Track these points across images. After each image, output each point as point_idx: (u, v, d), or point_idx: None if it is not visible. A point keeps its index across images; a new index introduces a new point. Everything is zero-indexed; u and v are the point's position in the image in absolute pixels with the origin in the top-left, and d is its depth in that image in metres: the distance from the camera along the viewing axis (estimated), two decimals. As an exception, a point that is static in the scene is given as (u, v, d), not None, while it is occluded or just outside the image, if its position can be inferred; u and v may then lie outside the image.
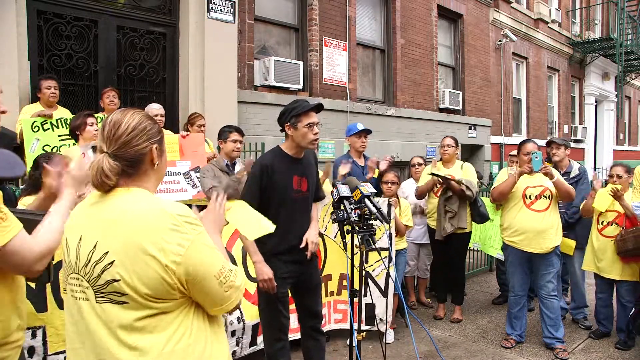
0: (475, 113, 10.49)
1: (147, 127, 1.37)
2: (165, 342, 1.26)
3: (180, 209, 1.30)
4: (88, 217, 1.35)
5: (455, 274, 4.77)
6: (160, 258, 1.23)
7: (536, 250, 3.90)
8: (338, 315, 4.09)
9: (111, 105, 4.71)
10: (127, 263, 1.23)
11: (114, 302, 1.25)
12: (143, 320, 1.25)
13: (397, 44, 8.56)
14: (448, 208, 4.53)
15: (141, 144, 1.35)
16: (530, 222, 3.90)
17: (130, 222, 1.26)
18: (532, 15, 12.76)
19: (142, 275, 1.23)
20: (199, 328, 1.33)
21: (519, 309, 4.11)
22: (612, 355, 4.00)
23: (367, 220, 2.57)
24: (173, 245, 1.24)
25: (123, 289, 1.24)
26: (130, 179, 1.35)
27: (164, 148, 1.45)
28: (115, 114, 1.38)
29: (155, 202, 1.32)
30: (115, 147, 1.32)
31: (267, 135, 6.30)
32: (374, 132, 7.98)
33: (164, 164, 1.45)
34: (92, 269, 1.27)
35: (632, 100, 19.31)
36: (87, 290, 1.29)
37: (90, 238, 1.30)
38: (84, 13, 5.10)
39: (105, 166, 1.30)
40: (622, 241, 3.97)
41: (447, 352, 3.99)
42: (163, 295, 1.25)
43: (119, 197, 1.33)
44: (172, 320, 1.28)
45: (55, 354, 2.73)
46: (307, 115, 2.70)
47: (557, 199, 3.96)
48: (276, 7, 7.02)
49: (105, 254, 1.26)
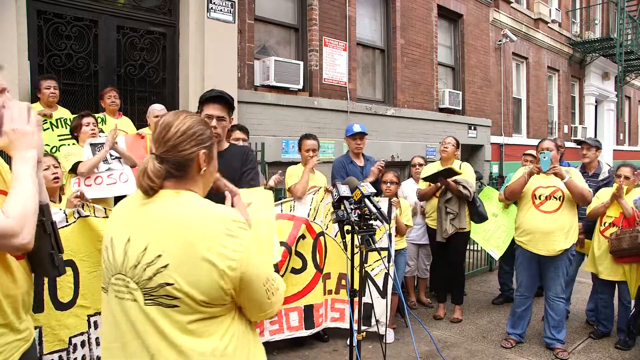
0: (475, 113, 10.49)
1: (197, 132, 1.35)
2: (215, 347, 1.25)
3: (233, 213, 1.30)
4: (136, 218, 1.32)
5: (455, 274, 4.77)
6: (217, 263, 1.21)
7: (542, 252, 3.84)
8: (335, 314, 4.09)
9: (112, 105, 4.72)
10: (182, 267, 1.21)
11: (164, 306, 1.23)
12: (194, 323, 1.23)
13: (397, 44, 8.56)
14: (449, 209, 4.52)
15: (189, 149, 1.33)
16: (537, 223, 3.85)
17: (185, 225, 1.24)
18: (532, 15, 12.77)
19: (197, 280, 1.21)
20: (243, 333, 1.33)
21: (523, 309, 4.08)
22: (612, 355, 3.99)
23: (367, 220, 2.57)
24: (229, 250, 1.23)
25: (175, 293, 1.21)
26: (178, 181, 1.34)
27: (214, 154, 1.43)
28: (168, 116, 1.37)
29: (209, 206, 1.30)
30: (163, 150, 1.32)
31: (267, 135, 6.31)
32: (374, 132, 8.04)
33: (213, 169, 1.44)
34: (143, 271, 1.25)
35: (632, 100, 19.32)
36: (135, 292, 1.26)
37: (140, 239, 1.27)
38: (84, 13, 5.10)
39: (149, 168, 1.29)
40: (617, 240, 3.95)
41: (447, 352, 3.99)
42: (215, 301, 1.24)
43: (170, 199, 1.31)
44: (221, 324, 1.28)
45: (50, 353, 2.81)
46: (207, 105, 2.51)
47: (574, 201, 3.82)
48: (276, 7, 7.02)
49: (158, 256, 1.23)
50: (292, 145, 6.53)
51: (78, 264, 2.98)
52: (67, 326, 2.91)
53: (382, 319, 3.88)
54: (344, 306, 4.03)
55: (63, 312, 2.90)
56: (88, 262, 3.03)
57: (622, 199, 3.99)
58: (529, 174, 3.88)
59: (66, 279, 2.93)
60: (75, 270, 2.97)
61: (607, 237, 4.10)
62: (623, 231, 3.95)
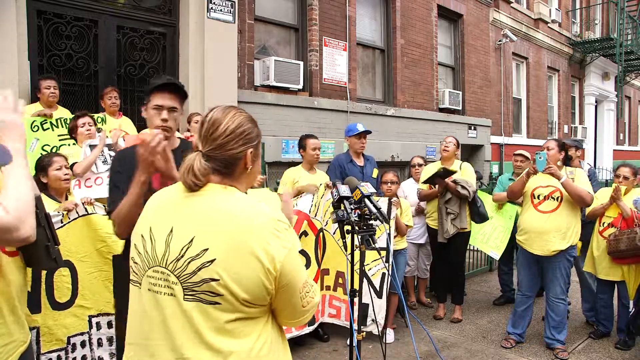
0: (475, 113, 10.49)
1: (246, 131, 1.33)
2: (250, 349, 1.23)
3: (279, 214, 1.28)
4: (181, 209, 1.28)
5: (455, 274, 4.77)
6: (264, 261, 1.19)
7: (537, 252, 3.85)
8: (332, 310, 4.10)
9: (113, 105, 4.72)
10: (229, 263, 1.18)
11: (205, 302, 1.19)
12: (232, 323, 1.21)
13: (397, 44, 8.56)
14: (450, 210, 4.51)
15: (237, 148, 1.31)
16: (534, 222, 3.86)
17: (235, 221, 1.22)
18: (532, 15, 12.76)
19: (243, 277, 1.18)
20: (276, 337, 1.32)
21: (524, 308, 4.08)
22: (612, 355, 3.99)
23: (367, 220, 2.57)
24: (275, 249, 1.21)
25: (219, 289, 1.18)
26: (224, 177, 1.32)
27: (259, 152, 1.41)
28: (216, 112, 1.33)
29: (257, 204, 1.28)
30: (210, 148, 1.29)
31: (267, 135, 6.31)
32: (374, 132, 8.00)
33: (258, 167, 1.41)
34: (186, 265, 1.21)
35: (632, 100, 19.32)
36: (174, 286, 1.22)
37: (184, 232, 1.24)
38: (84, 13, 5.10)
39: (195, 166, 1.26)
40: (615, 241, 3.94)
41: (447, 352, 3.99)
42: (257, 300, 1.22)
43: (217, 193, 1.29)
44: (256, 326, 1.25)
45: (48, 352, 2.83)
46: (157, 94, 2.09)
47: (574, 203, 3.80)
48: (276, 7, 7.02)
49: (204, 250, 1.19)
50: (292, 145, 6.52)
51: (76, 265, 2.98)
52: (65, 326, 2.92)
53: (379, 319, 3.88)
54: (341, 304, 4.04)
55: (60, 311, 2.91)
56: (87, 263, 3.03)
57: (621, 201, 3.98)
58: (528, 174, 3.89)
59: (64, 280, 2.94)
60: (73, 271, 2.97)
61: (605, 238, 4.10)
62: (621, 232, 3.94)
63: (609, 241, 3.99)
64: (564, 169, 3.89)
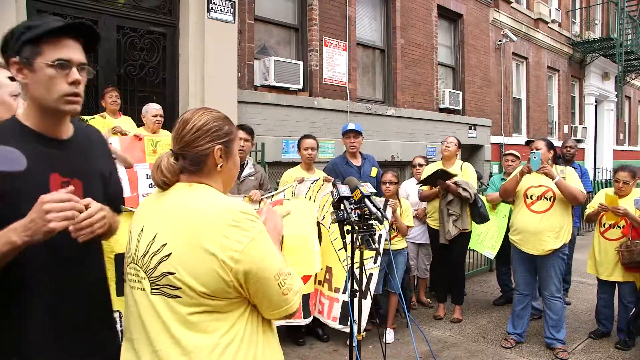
0: (475, 113, 10.49)
1: (213, 128, 1.35)
2: (215, 344, 1.23)
3: (242, 206, 1.29)
4: (151, 209, 1.36)
5: (455, 274, 4.77)
6: (218, 254, 1.21)
7: (532, 252, 3.87)
8: (319, 306, 4.05)
9: (113, 105, 4.73)
10: (183, 257, 1.22)
11: (167, 296, 1.24)
12: (195, 315, 1.23)
13: (397, 44, 8.57)
14: (451, 211, 4.51)
15: (203, 145, 1.33)
16: (527, 222, 3.88)
17: (189, 216, 1.25)
18: (532, 15, 12.77)
19: (196, 270, 1.21)
20: (252, 333, 1.31)
21: (522, 307, 4.09)
22: (612, 355, 3.99)
23: (367, 220, 2.57)
24: (232, 241, 1.22)
25: (176, 282, 1.22)
26: (193, 175, 1.35)
27: (234, 150, 1.42)
28: (187, 113, 1.38)
29: (216, 198, 1.31)
30: (179, 146, 1.34)
31: (267, 135, 6.31)
32: (374, 132, 8.04)
33: (233, 166, 1.43)
34: (150, 260, 1.27)
35: (632, 100, 19.32)
36: (143, 281, 1.29)
37: (150, 229, 1.30)
38: (84, 13, 5.10)
39: (163, 164, 1.33)
40: (629, 252, 3.91)
41: (447, 352, 3.99)
42: (218, 293, 1.23)
43: (180, 191, 1.33)
44: (225, 321, 1.26)
45: None
46: (56, 44, 1.33)
47: (567, 202, 3.82)
48: (276, 7, 7.03)
49: (163, 245, 1.25)
50: (292, 145, 6.52)
51: None
52: None
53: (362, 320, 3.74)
54: (325, 301, 3.96)
55: None
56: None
57: (628, 213, 3.90)
58: (521, 173, 3.90)
59: None
60: None
61: (607, 239, 4.11)
62: (634, 243, 3.90)
63: (622, 252, 3.96)
64: (555, 168, 3.91)
